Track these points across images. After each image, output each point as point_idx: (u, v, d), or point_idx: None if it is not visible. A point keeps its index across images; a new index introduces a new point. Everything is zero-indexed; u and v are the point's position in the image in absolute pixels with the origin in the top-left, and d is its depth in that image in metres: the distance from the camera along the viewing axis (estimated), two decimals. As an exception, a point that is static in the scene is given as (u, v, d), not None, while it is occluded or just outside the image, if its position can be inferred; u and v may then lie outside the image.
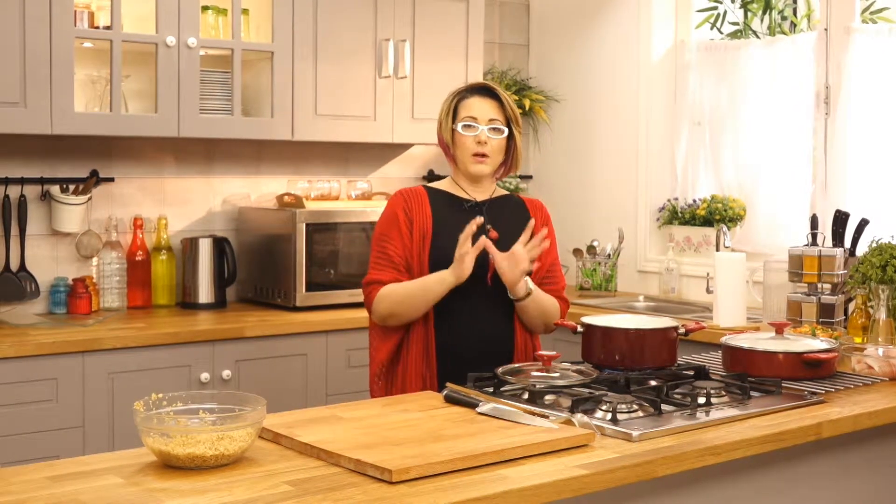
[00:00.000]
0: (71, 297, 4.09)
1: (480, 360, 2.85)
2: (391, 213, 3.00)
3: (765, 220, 4.69)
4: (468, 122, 2.99)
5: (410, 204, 2.99)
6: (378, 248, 2.99)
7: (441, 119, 3.05)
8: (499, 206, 3.09)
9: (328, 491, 1.88)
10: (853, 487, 2.76)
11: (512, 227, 3.02)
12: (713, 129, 4.90)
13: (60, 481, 1.92)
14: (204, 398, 2.18)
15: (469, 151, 2.99)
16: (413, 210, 2.98)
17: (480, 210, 3.04)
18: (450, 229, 2.94)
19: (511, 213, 3.10)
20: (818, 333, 3.24)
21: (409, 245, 2.96)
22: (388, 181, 4.95)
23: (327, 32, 4.37)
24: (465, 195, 3.06)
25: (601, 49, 5.22)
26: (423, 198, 3.02)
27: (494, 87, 3.05)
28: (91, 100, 4.08)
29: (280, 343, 4.01)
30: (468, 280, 2.89)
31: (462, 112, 3.01)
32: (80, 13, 3.90)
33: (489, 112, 3.00)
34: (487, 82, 3.10)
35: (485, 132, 2.98)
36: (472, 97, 3.02)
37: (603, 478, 2.06)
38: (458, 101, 3.03)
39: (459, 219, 2.95)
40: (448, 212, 3.01)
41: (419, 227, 2.97)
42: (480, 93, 3.03)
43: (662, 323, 2.96)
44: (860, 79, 4.31)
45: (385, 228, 3.00)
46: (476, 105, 3.00)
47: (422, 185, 3.08)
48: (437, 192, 3.06)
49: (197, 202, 4.52)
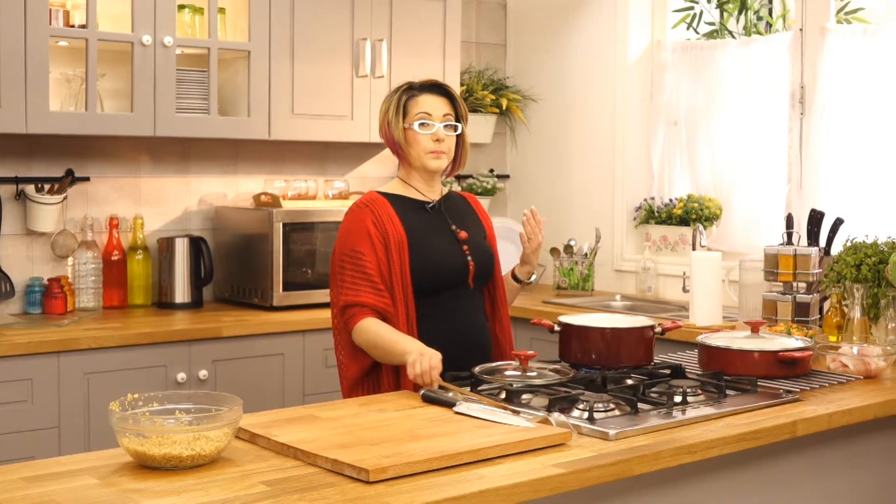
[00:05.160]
0: (46, 297, 4.07)
1: (464, 364, 2.82)
2: (361, 227, 2.90)
3: (741, 219, 4.71)
4: (423, 119, 2.94)
5: (378, 215, 2.91)
6: (353, 265, 2.88)
7: (389, 119, 2.97)
8: (450, 203, 3.09)
9: (305, 491, 1.88)
10: (829, 485, 2.78)
11: (467, 221, 3.08)
12: (689, 129, 4.91)
13: (36, 482, 1.92)
14: (180, 398, 2.17)
15: (426, 149, 2.95)
16: (382, 220, 2.90)
17: (439, 209, 3.03)
18: (421, 233, 2.94)
19: (461, 208, 3.12)
20: (793, 332, 3.26)
21: (383, 258, 2.87)
22: (365, 181, 4.95)
23: (304, 32, 4.36)
24: (421, 196, 3.03)
25: (578, 49, 5.23)
26: (385, 206, 2.94)
27: (445, 84, 3.02)
28: (66, 99, 4.06)
29: (257, 343, 4.00)
30: (451, 284, 2.92)
31: (413, 109, 2.95)
32: (55, 12, 3.87)
33: (442, 108, 2.97)
34: (436, 79, 3.06)
35: (440, 129, 2.96)
36: (422, 94, 2.97)
37: (580, 477, 2.06)
38: (406, 98, 2.97)
39: (426, 221, 2.97)
40: (413, 216, 2.97)
41: (394, 239, 2.89)
42: (431, 90, 2.99)
43: (639, 322, 2.97)
44: (835, 79, 4.33)
45: (356, 244, 2.89)
46: (428, 102, 2.96)
47: (376, 192, 3.00)
48: (396, 198, 2.99)
49: (173, 202, 4.50)
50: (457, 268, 2.95)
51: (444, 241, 2.98)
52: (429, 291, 2.92)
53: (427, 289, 2.91)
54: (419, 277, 2.90)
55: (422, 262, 2.90)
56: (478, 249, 3.03)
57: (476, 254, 3.01)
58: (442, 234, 2.99)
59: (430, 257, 2.91)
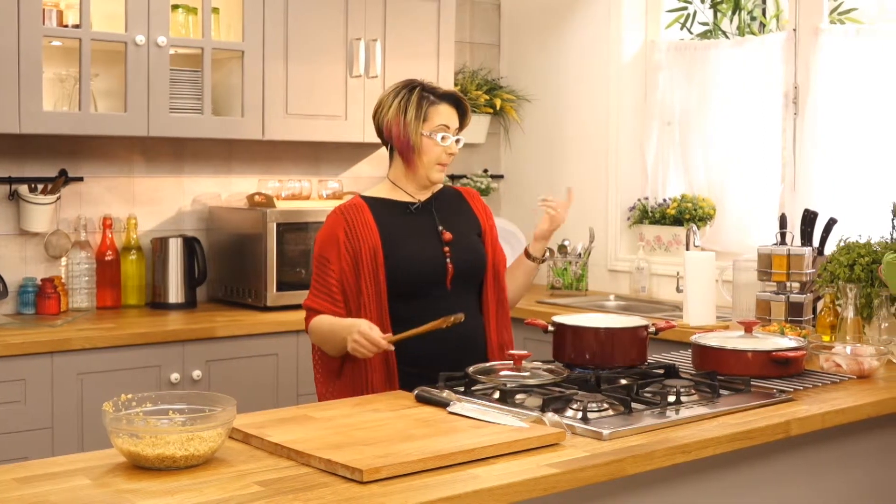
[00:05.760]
0: (39, 298, 4.06)
1: (447, 366, 2.81)
2: (331, 234, 2.92)
3: (734, 219, 4.71)
4: (443, 132, 2.96)
5: (352, 223, 2.91)
6: (318, 270, 2.93)
7: (407, 119, 2.93)
8: (442, 201, 3.08)
9: (299, 491, 1.88)
10: (822, 485, 2.78)
11: (458, 218, 3.06)
12: (683, 129, 4.92)
13: (29, 483, 1.91)
14: (174, 398, 2.17)
15: (436, 160, 2.97)
16: (356, 229, 2.90)
17: (428, 209, 3.03)
18: (398, 238, 2.93)
19: (454, 205, 3.11)
20: (787, 332, 3.26)
21: (347, 270, 2.88)
22: (358, 181, 4.95)
23: (298, 31, 4.36)
24: (409, 197, 3.03)
25: (572, 49, 5.23)
26: (364, 212, 2.93)
27: (462, 98, 3.03)
28: (60, 99, 4.06)
29: (251, 343, 4.00)
30: (428, 287, 2.91)
31: (435, 119, 2.95)
32: (48, 11, 3.86)
33: (456, 121, 3.00)
34: (457, 91, 3.07)
35: (453, 143, 2.99)
36: (442, 104, 2.97)
37: (573, 476, 2.06)
38: (427, 105, 2.96)
39: (407, 224, 2.97)
40: (393, 220, 2.96)
41: (367, 247, 2.89)
42: (450, 100, 3.00)
43: (633, 322, 2.97)
44: (829, 79, 4.34)
45: (325, 250, 2.92)
46: (447, 114, 2.97)
47: (359, 196, 3.00)
48: (378, 202, 2.98)
49: (167, 202, 4.49)
50: (433, 270, 2.94)
51: (423, 242, 2.96)
52: (405, 295, 2.91)
53: (403, 292, 2.91)
54: (393, 281, 2.90)
55: (395, 266, 2.90)
56: (464, 250, 3.00)
57: (459, 255, 2.98)
58: (423, 235, 2.98)
59: (404, 260, 2.90)
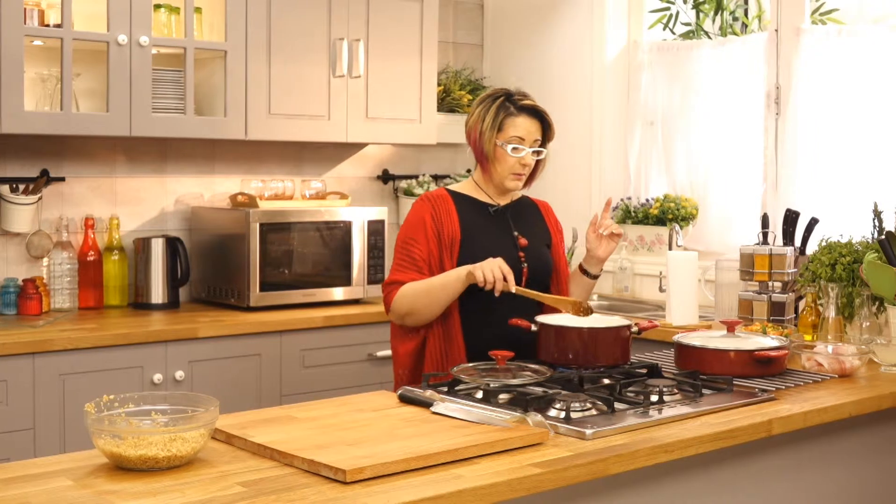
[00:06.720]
0: (21, 298, 4.04)
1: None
2: (418, 218, 3.03)
3: (717, 219, 4.73)
4: (516, 143, 3.02)
5: (437, 210, 3.03)
6: (402, 251, 3.02)
7: (483, 129, 3.03)
8: (519, 209, 3.17)
9: (281, 492, 1.88)
10: (804, 483, 2.79)
11: (532, 228, 3.16)
12: (666, 129, 4.93)
13: (10, 484, 1.91)
14: (156, 399, 2.17)
15: (510, 170, 3.04)
16: (441, 215, 3.02)
17: (504, 214, 3.11)
18: (477, 234, 3.03)
19: (529, 215, 3.20)
20: (769, 331, 3.27)
21: (434, 251, 2.99)
22: (342, 181, 4.94)
23: (281, 31, 4.35)
24: (489, 200, 3.12)
25: (555, 49, 5.24)
26: (448, 203, 3.05)
27: (543, 111, 3.07)
28: (41, 98, 4.04)
29: (234, 343, 3.99)
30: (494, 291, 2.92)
31: (509, 130, 3.02)
32: (30, 11, 3.85)
33: (535, 133, 3.05)
34: (536, 104, 3.08)
35: (528, 154, 3.04)
36: (520, 116, 3.03)
37: (556, 476, 2.07)
38: (504, 116, 3.02)
39: (486, 223, 3.06)
40: (474, 216, 3.07)
41: (448, 233, 3.00)
42: (529, 113, 3.04)
43: (616, 322, 2.97)
44: (810, 79, 4.36)
45: (411, 232, 3.03)
46: (525, 126, 3.03)
47: (444, 189, 3.12)
48: (461, 197, 3.10)
49: (149, 202, 4.48)
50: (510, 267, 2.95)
51: (499, 243, 3.05)
52: (474, 289, 2.93)
53: (472, 286, 2.93)
54: None
55: (470, 260, 2.95)
56: (535, 258, 3.10)
57: (532, 262, 3.08)
58: (500, 236, 3.08)
59: (483, 251, 2.96)
